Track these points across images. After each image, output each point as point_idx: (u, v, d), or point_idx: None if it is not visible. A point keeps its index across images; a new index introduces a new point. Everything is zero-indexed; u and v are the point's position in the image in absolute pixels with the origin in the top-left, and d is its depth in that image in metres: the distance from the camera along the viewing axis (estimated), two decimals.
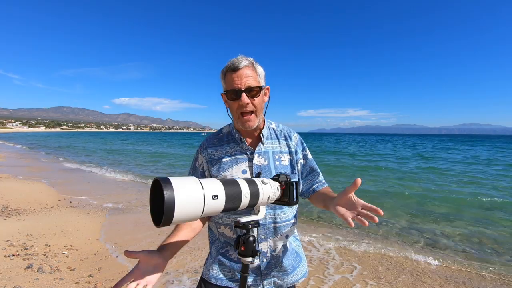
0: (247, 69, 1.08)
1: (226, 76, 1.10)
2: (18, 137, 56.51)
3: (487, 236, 4.95)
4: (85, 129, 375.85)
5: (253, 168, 1.15)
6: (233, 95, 1.08)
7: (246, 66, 1.08)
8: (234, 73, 1.07)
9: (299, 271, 1.23)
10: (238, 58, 1.09)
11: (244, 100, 1.06)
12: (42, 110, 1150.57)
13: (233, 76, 1.07)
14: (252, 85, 1.07)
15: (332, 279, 3.34)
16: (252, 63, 1.10)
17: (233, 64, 1.07)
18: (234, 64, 1.07)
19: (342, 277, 3.39)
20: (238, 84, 1.06)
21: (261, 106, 1.13)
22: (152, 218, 0.72)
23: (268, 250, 1.16)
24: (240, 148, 1.19)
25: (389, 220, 5.69)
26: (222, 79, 1.13)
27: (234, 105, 1.10)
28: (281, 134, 1.28)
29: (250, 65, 1.09)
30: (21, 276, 3.05)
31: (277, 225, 1.16)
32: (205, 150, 1.22)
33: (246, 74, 1.07)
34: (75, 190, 7.96)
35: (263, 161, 1.18)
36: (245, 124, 1.12)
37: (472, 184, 10.35)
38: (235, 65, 1.07)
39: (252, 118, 1.11)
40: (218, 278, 1.17)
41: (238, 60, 1.08)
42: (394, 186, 9.68)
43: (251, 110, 1.10)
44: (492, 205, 7.23)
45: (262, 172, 1.12)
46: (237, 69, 1.06)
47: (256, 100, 1.09)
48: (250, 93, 1.08)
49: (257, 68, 1.12)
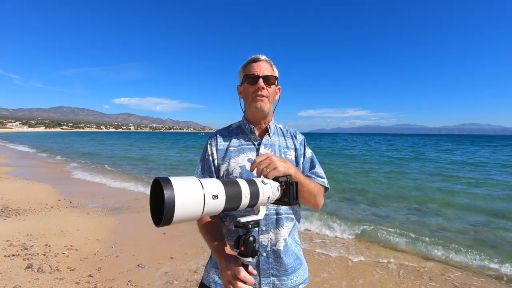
0: (266, 63, 1.23)
1: (246, 67, 1.24)
2: (23, 137, 56.36)
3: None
4: (85, 129, 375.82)
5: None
6: (252, 80, 1.20)
7: (266, 60, 1.23)
8: (255, 63, 1.22)
9: (300, 274, 1.20)
10: (259, 55, 1.24)
11: (260, 84, 1.19)
12: (42, 110, 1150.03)
13: (254, 65, 1.22)
14: (270, 74, 1.21)
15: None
16: (270, 61, 1.26)
17: (255, 56, 1.24)
18: (256, 56, 1.24)
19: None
20: (257, 71, 1.20)
21: (273, 97, 1.26)
22: (152, 218, 0.72)
23: (268, 244, 1.15)
24: (248, 138, 1.27)
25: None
26: (241, 72, 1.27)
27: (251, 89, 1.21)
28: (287, 133, 1.35)
29: (269, 61, 1.25)
30: (21, 276, 3.05)
31: (279, 216, 1.16)
32: (214, 141, 1.28)
33: (265, 66, 1.22)
34: (76, 190, 7.97)
35: (269, 152, 1.21)
36: (258, 104, 1.20)
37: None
38: (256, 57, 1.23)
39: (265, 100, 1.22)
40: (217, 283, 1.16)
41: (259, 55, 1.24)
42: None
43: (265, 95, 1.21)
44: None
45: None
46: (258, 60, 1.22)
47: (270, 89, 1.22)
48: (266, 80, 1.20)
49: (274, 67, 1.27)
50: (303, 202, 1.18)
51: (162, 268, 3.48)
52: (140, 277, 3.24)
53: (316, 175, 1.27)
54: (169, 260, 3.70)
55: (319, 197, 1.19)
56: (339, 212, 6.24)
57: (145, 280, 3.17)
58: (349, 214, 6.20)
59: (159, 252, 3.94)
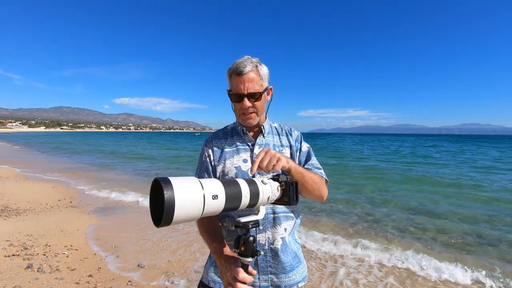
0: (251, 73, 1.13)
1: (231, 78, 1.17)
2: (23, 137, 56.38)
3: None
4: (85, 129, 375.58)
5: (253, 158, 1.20)
6: (237, 98, 1.17)
7: (250, 70, 1.13)
8: (239, 77, 1.12)
9: (298, 272, 1.21)
10: (243, 62, 1.13)
11: (246, 104, 1.15)
12: (42, 110, 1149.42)
13: (237, 81, 1.13)
14: (254, 90, 1.14)
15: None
16: (256, 66, 1.15)
17: (238, 68, 1.12)
18: (239, 68, 1.12)
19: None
20: (241, 88, 1.13)
21: (262, 107, 1.22)
22: (152, 218, 0.72)
23: (266, 242, 1.15)
24: (243, 140, 1.27)
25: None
26: (228, 78, 1.20)
27: (237, 106, 1.19)
28: (282, 131, 1.35)
29: (254, 69, 1.14)
30: (21, 276, 3.05)
31: (276, 215, 1.17)
32: (210, 143, 1.29)
33: (250, 78, 1.12)
34: (76, 190, 7.97)
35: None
36: (246, 122, 1.21)
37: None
38: (239, 69, 1.12)
39: (253, 116, 1.20)
40: (216, 281, 1.17)
41: (243, 64, 1.12)
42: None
43: (252, 112, 1.19)
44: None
45: None
46: (241, 74, 1.12)
47: (257, 103, 1.18)
48: (252, 97, 1.15)
49: (261, 70, 1.17)
50: (308, 195, 1.17)
51: (162, 268, 3.49)
52: (140, 277, 3.24)
53: (313, 166, 1.27)
54: (169, 260, 3.70)
55: (322, 188, 1.19)
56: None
57: (145, 280, 3.17)
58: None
59: (159, 252, 3.94)
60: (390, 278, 3.44)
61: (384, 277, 3.48)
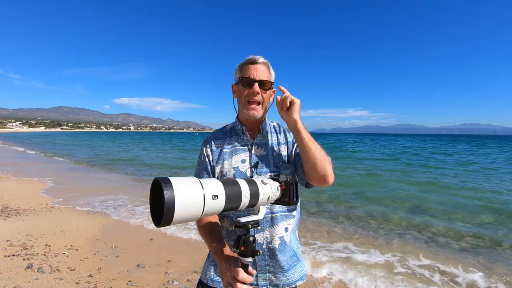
0: (264, 66, 1.21)
1: (243, 68, 1.21)
2: (23, 137, 56.25)
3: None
4: (85, 129, 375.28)
5: (252, 158, 1.22)
6: (247, 83, 1.18)
7: (263, 63, 1.21)
8: (252, 65, 1.19)
9: (297, 271, 1.21)
10: (257, 56, 1.21)
11: (255, 89, 1.17)
12: (42, 110, 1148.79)
13: (250, 67, 1.19)
14: (265, 79, 1.19)
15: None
16: (267, 64, 1.23)
17: (252, 57, 1.20)
18: (254, 58, 1.20)
19: None
20: (254, 74, 1.18)
21: (267, 102, 1.24)
22: (152, 218, 0.72)
23: (264, 242, 1.16)
24: (241, 140, 1.27)
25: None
26: (237, 71, 1.24)
27: (244, 92, 1.20)
28: (280, 129, 1.36)
29: (266, 64, 1.22)
30: (21, 276, 3.05)
31: (274, 215, 1.17)
32: (209, 143, 1.29)
33: (262, 69, 1.20)
34: (76, 189, 7.96)
35: (262, 151, 1.24)
36: (250, 112, 1.20)
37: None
38: (254, 58, 1.20)
39: (258, 108, 1.21)
40: (215, 280, 1.18)
41: (257, 56, 1.21)
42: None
43: (259, 101, 1.20)
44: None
45: (260, 162, 1.20)
46: (255, 62, 1.19)
47: (266, 93, 1.21)
48: (262, 85, 1.19)
49: (271, 69, 1.25)
50: (311, 170, 1.09)
51: (162, 268, 3.48)
52: (140, 277, 3.24)
53: None
54: (169, 260, 3.69)
55: (328, 164, 1.09)
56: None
57: (145, 280, 3.17)
58: None
59: (159, 252, 3.94)
60: (389, 278, 3.44)
61: (384, 276, 3.48)
